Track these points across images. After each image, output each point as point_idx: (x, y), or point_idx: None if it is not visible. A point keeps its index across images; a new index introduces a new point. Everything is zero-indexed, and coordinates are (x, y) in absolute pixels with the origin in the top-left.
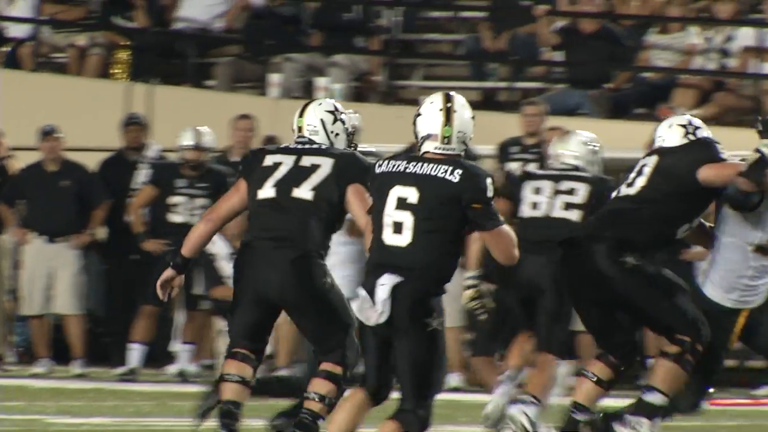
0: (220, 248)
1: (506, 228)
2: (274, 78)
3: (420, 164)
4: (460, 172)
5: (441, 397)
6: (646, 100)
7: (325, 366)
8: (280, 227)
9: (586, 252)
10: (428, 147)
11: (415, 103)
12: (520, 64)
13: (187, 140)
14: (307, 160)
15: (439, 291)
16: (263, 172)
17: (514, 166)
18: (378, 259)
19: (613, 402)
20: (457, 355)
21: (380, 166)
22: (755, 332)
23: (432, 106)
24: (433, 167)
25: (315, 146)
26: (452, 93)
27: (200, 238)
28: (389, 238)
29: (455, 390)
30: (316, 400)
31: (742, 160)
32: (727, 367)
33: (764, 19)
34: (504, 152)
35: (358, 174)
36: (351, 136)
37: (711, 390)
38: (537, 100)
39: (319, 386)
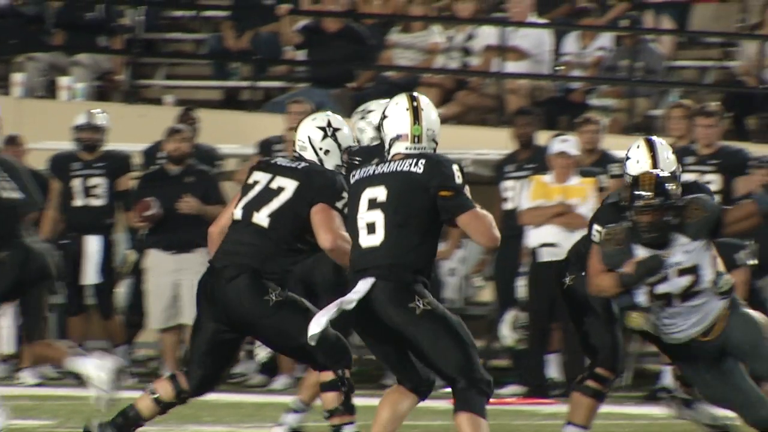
0: None
1: (481, 210)
2: (17, 77)
3: (388, 165)
4: (423, 161)
5: None
6: None
7: (320, 378)
8: (234, 248)
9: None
10: (399, 148)
11: (158, 102)
12: (263, 63)
13: None
14: (276, 182)
15: (417, 280)
16: (244, 189)
17: None
18: (357, 265)
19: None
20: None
21: (354, 176)
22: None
23: (398, 107)
24: (398, 164)
25: (292, 165)
26: (415, 93)
27: (214, 246)
28: (364, 240)
29: None
30: (330, 416)
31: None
32: None
33: (506, 18)
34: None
35: (322, 194)
36: (347, 151)
37: None
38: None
39: (325, 403)
